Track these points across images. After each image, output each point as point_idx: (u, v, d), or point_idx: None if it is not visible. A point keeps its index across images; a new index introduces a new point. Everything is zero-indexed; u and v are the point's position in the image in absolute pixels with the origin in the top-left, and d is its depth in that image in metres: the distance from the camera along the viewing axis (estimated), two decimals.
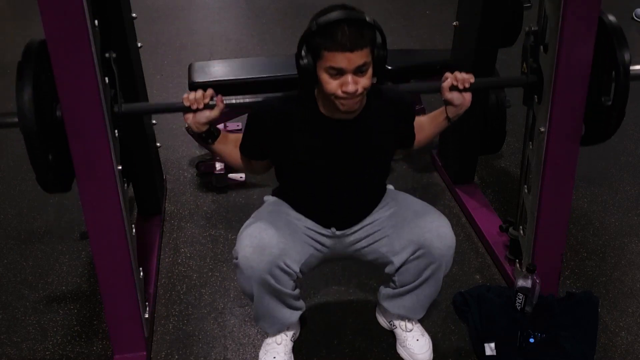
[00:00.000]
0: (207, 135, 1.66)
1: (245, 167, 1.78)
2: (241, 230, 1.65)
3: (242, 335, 1.98)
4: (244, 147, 1.70)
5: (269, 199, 1.82)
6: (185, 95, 1.60)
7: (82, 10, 1.41)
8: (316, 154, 1.63)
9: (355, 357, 1.90)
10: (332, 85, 1.45)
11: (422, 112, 2.98)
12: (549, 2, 1.72)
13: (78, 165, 1.58)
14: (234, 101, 1.71)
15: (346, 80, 1.43)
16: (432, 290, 1.77)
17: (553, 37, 1.72)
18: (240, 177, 2.75)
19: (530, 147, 1.94)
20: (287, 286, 1.66)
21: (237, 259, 1.60)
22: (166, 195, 2.72)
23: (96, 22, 1.51)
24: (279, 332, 1.82)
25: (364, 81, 1.46)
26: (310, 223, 1.73)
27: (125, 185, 1.80)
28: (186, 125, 1.65)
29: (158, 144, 2.57)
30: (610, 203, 2.65)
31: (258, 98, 1.70)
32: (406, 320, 1.88)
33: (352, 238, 1.75)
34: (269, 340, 1.84)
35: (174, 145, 3.11)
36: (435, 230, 1.65)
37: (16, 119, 1.48)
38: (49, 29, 1.42)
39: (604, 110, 1.80)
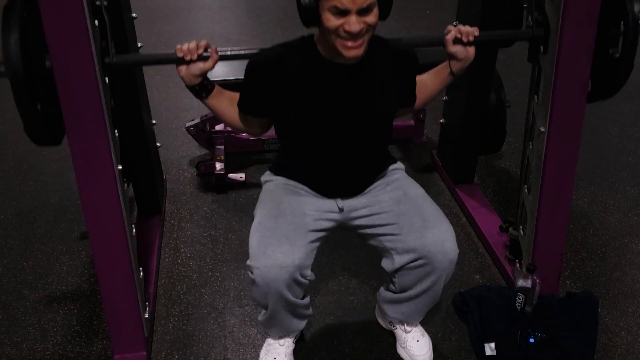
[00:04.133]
0: (201, 89, 1.60)
1: (242, 126, 1.69)
2: (252, 240, 1.59)
3: (242, 335, 1.98)
4: (242, 103, 1.63)
5: (268, 183, 1.75)
6: (178, 46, 1.54)
7: None
8: (317, 101, 1.54)
9: (355, 357, 1.90)
10: (334, 22, 1.39)
11: (422, 112, 2.98)
12: (549, 3, 1.72)
13: (78, 165, 1.58)
14: (229, 52, 1.64)
15: (350, 20, 1.38)
16: (431, 299, 1.75)
17: (553, 38, 1.72)
18: (240, 177, 2.75)
19: (530, 147, 1.94)
20: (300, 295, 1.65)
21: (252, 273, 1.55)
22: (166, 195, 2.72)
23: (96, 22, 1.51)
24: (283, 337, 1.82)
25: (370, 18, 1.40)
26: (314, 203, 1.66)
27: (125, 185, 1.80)
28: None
29: (158, 144, 2.57)
30: (610, 203, 2.66)
31: (254, 50, 1.62)
32: (405, 324, 1.88)
33: (357, 222, 1.70)
34: (270, 340, 1.84)
35: (174, 145, 3.11)
36: (440, 244, 1.60)
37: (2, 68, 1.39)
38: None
39: (611, 63, 1.72)
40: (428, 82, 1.73)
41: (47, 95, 1.51)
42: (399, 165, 1.80)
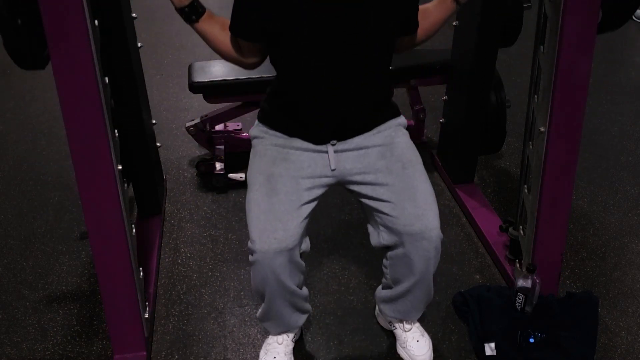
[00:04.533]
0: (191, 11, 1.55)
1: (234, 53, 1.63)
2: (248, 219, 1.58)
3: (242, 335, 1.98)
4: (233, 25, 1.56)
5: (257, 141, 1.70)
6: None
7: None
8: (312, 14, 1.47)
9: (355, 357, 1.90)
10: None
11: (422, 112, 2.98)
12: (549, 3, 1.72)
13: (78, 165, 1.58)
14: None
15: None
16: (424, 294, 1.75)
17: (553, 39, 1.72)
18: (240, 177, 2.75)
19: (530, 147, 1.94)
20: (297, 281, 1.66)
21: (252, 255, 1.56)
22: (166, 195, 2.72)
23: (96, 22, 1.51)
24: (282, 333, 1.82)
25: None
26: (306, 169, 1.62)
27: (125, 185, 1.80)
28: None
29: (158, 144, 2.57)
30: (610, 203, 2.66)
31: None
32: (404, 322, 1.88)
33: (350, 187, 1.68)
34: (270, 340, 1.84)
35: (174, 145, 3.11)
36: (427, 233, 1.60)
37: None
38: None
39: None
40: (431, 9, 1.68)
41: (31, 15, 1.45)
42: (402, 121, 1.74)
